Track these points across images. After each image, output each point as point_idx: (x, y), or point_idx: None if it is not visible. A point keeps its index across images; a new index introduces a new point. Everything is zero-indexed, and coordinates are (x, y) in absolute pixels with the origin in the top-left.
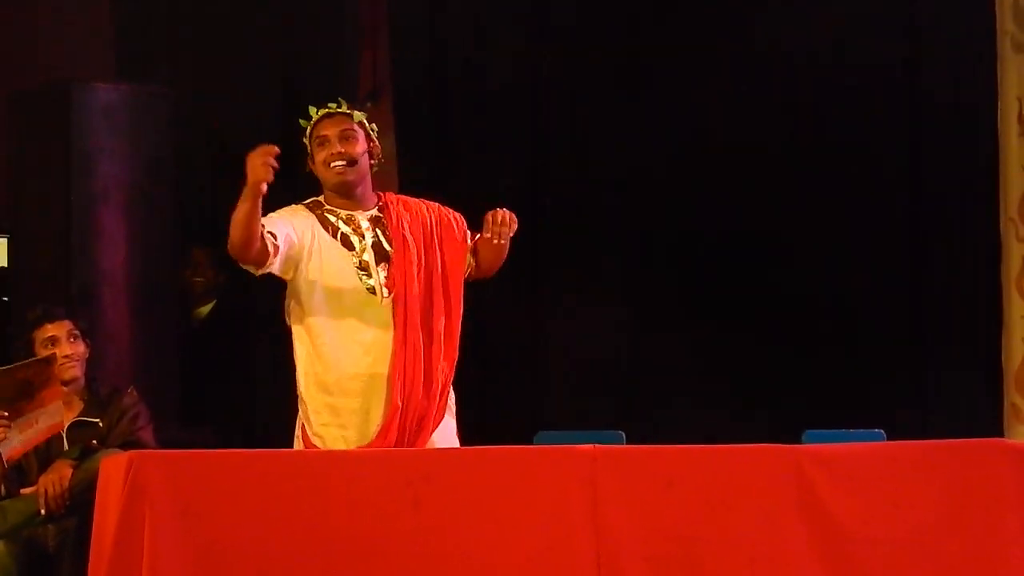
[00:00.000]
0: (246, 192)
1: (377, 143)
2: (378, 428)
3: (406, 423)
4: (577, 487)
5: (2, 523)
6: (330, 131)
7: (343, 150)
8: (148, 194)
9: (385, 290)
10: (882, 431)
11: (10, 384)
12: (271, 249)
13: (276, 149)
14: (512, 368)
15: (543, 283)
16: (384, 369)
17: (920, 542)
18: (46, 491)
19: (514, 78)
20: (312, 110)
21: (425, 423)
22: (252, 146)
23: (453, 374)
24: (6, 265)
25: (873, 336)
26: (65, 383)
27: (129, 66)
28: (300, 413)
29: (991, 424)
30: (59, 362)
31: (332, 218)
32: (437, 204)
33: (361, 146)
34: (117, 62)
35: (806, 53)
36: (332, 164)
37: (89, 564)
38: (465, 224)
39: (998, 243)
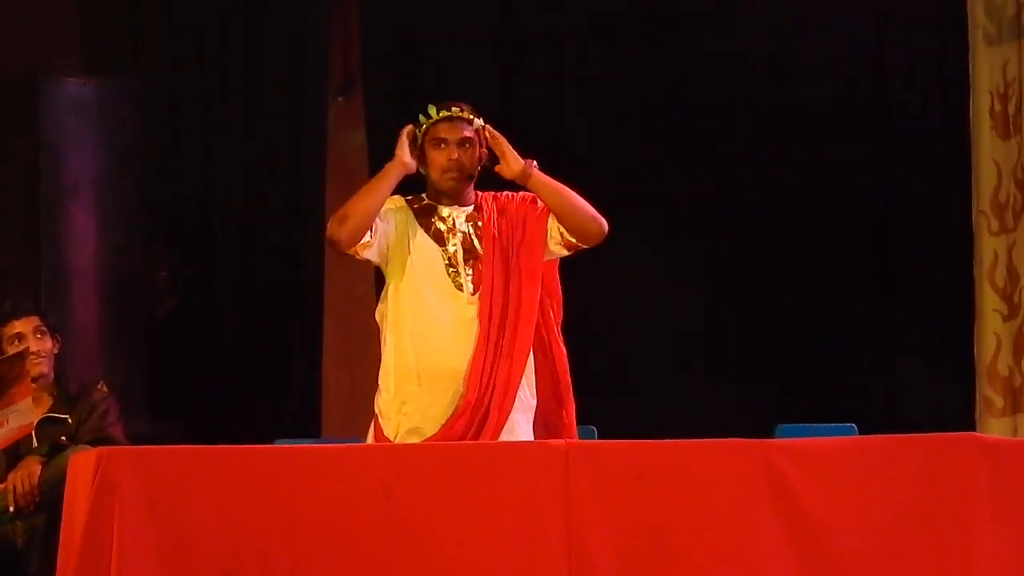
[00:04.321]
0: (391, 167)
1: (486, 149)
2: (446, 420)
3: (474, 420)
4: (549, 481)
5: None
6: (449, 135)
7: (460, 159)
8: (117, 188)
9: (471, 286)
10: (854, 425)
11: None
12: (368, 235)
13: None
14: None
15: None
16: (463, 364)
17: (891, 535)
18: (15, 488)
19: (485, 73)
20: (432, 109)
21: (488, 424)
22: (220, 140)
23: (521, 377)
24: None
25: (845, 330)
26: (33, 379)
27: (96, 59)
28: (377, 405)
29: (963, 418)
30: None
31: (430, 214)
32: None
33: (476, 155)
34: (84, 55)
35: (776, 47)
36: (446, 171)
37: (58, 561)
38: None
39: (970, 237)
